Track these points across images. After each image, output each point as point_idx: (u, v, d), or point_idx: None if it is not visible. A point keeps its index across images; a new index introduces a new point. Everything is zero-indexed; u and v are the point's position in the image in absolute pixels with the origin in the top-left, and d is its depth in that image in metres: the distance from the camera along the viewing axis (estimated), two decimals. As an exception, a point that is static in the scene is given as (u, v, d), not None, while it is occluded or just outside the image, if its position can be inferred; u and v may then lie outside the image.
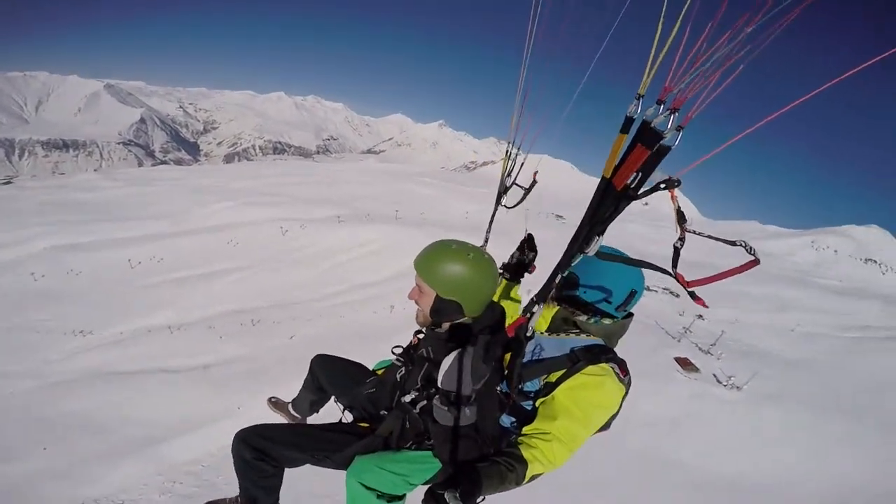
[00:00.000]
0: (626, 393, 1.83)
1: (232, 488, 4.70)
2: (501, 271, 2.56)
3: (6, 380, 8.89)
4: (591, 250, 1.32)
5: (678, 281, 1.29)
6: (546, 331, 1.95)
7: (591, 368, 1.73)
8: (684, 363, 10.34)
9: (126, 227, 19.08)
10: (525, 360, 1.88)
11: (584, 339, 1.87)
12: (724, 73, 1.06)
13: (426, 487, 1.55)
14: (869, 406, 8.71)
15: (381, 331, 9.76)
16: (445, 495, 1.36)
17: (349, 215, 18.72)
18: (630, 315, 1.99)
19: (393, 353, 2.11)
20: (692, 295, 1.28)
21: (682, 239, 1.25)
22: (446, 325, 1.90)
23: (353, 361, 2.33)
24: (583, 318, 1.90)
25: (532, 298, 1.51)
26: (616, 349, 1.93)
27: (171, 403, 7.60)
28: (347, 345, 8.98)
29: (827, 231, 43.64)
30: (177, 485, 5.62)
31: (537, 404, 1.76)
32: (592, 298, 1.89)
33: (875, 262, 39.95)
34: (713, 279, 1.21)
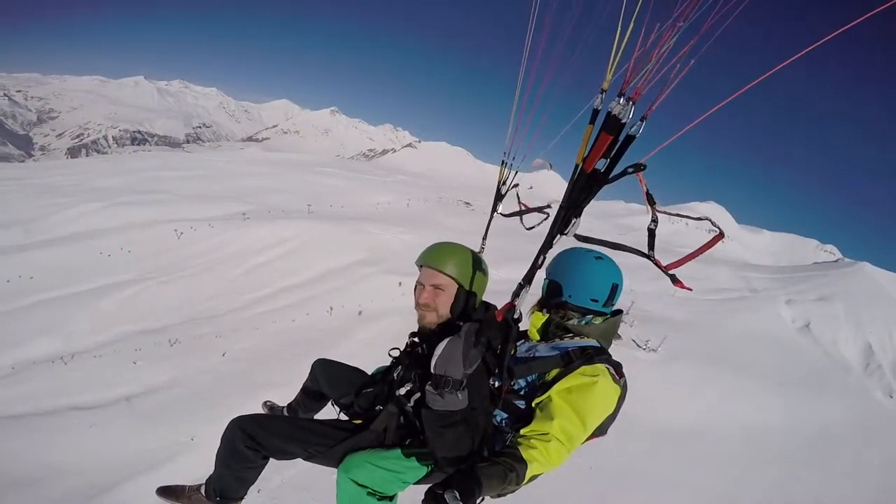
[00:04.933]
0: (624, 394, 1.92)
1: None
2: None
3: None
4: (571, 232, 1.44)
5: (657, 265, 1.44)
6: (540, 339, 2.02)
7: (585, 369, 1.79)
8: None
9: (-46, 242, 15.28)
10: (518, 356, 1.98)
11: (578, 342, 1.95)
12: (680, 66, 1.19)
13: (423, 488, 1.54)
14: (743, 359, 10.74)
15: (325, 335, 9.08)
16: (445, 495, 1.38)
17: (255, 212, 17.02)
18: (619, 312, 2.12)
19: (390, 355, 2.19)
20: (673, 279, 1.43)
21: (654, 220, 1.44)
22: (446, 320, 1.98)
23: (352, 366, 2.41)
24: (574, 321, 2.01)
25: (520, 282, 1.59)
26: (610, 350, 2.07)
27: (104, 445, 6.33)
28: (293, 354, 8.24)
29: (679, 207, 51.39)
30: (157, 531, 4.73)
31: (534, 405, 1.77)
32: (579, 300, 2.00)
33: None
34: (688, 258, 1.38)
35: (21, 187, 22.66)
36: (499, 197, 2.53)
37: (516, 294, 1.60)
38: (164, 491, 2.28)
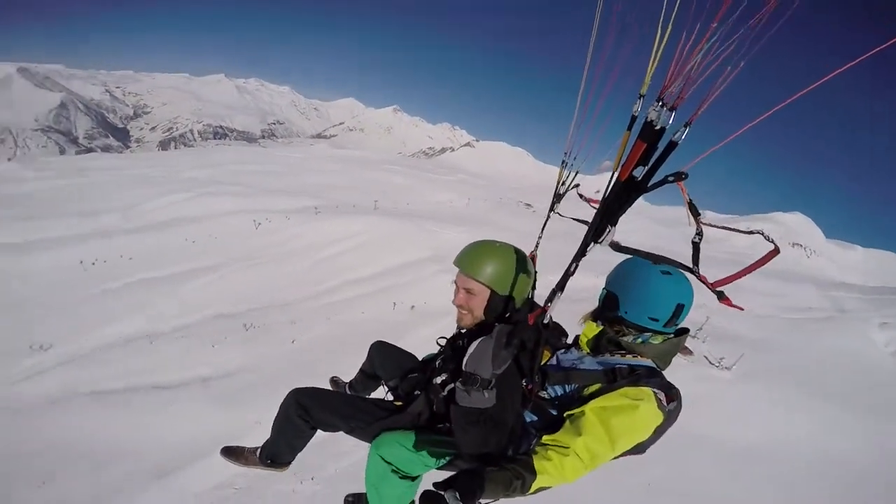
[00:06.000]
0: (670, 420, 1.75)
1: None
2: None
3: (-39, 411, 7.16)
4: (605, 241, 1.37)
5: (702, 281, 1.37)
6: (591, 351, 1.89)
7: (628, 390, 1.67)
8: (681, 348, 11.01)
9: (68, 224, 17.12)
10: (558, 365, 1.91)
11: (629, 360, 1.79)
12: (730, 69, 1.12)
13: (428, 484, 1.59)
14: (825, 382, 9.87)
15: (389, 328, 9.22)
16: (445, 495, 1.42)
17: (326, 206, 17.70)
18: (684, 331, 1.90)
19: (438, 343, 2.27)
20: (720, 295, 1.36)
21: (699, 233, 1.39)
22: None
23: (406, 351, 2.58)
24: (629, 338, 1.83)
25: (553, 289, 1.53)
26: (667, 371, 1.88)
27: (176, 424, 6.72)
28: (358, 347, 8.40)
29: (758, 217, 47.53)
30: (211, 515, 4.99)
31: (565, 415, 1.70)
32: (636, 317, 1.81)
33: (801, 246, 44.06)
34: (739, 275, 1.29)
35: (120, 177, 25.15)
36: (557, 196, 2.48)
37: (549, 300, 1.57)
38: (226, 450, 2.58)
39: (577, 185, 2.45)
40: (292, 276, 12.43)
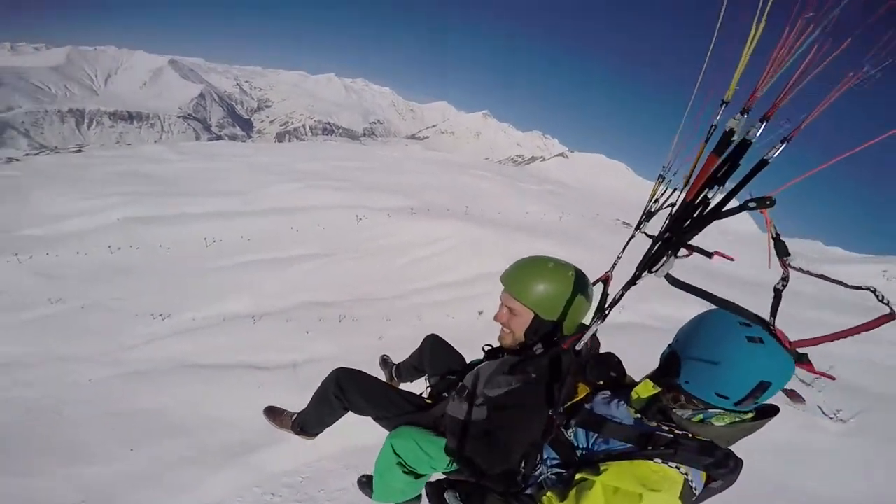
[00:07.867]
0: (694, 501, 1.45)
1: (331, 506, 4.01)
2: None
3: (81, 365, 8.31)
4: (660, 271, 1.19)
5: (777, 338, 1.21)
6: (638, 412, 1.59)
7: (653, 474, 1.39)
8: (791, 395, 9.85)
9: (197, 202, 19.40)
10: (592, 410, 1.71)
11: (676, 434, 1.48)
12: (848, 76, 0.91)
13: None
14: None
15: (476, 335, 9.15)
16: (446, 494, 1.51)
17: (420, 207, 18.21)
18: (770, 412, 1.49)
19: (483, 350, 2.26)
20: (798, 358, 1.21)
21: (784, 279, 1.13)
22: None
23: (456, 352, 2.59)
24: (684, 412, 1.48)
25: (594, 314, 1.45)
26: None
27: (261, 405, 7.10)
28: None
29: (880, 259, 40.29)
30: (276, 498, 5.36)
31: (577, 476, 1.52)
32: (699, 390, 1.44)
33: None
34: (828, 338, 1.08)
35: (242, 164, 28.08)
36: (647, 214, 2.11)
37: (587, 326, 1.50)
38: (269, 410, 2.87)
39: (672, 206, 2.17)
40: (384, 272, 12.92)
